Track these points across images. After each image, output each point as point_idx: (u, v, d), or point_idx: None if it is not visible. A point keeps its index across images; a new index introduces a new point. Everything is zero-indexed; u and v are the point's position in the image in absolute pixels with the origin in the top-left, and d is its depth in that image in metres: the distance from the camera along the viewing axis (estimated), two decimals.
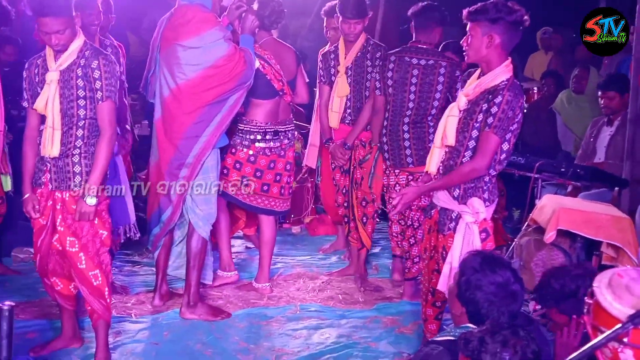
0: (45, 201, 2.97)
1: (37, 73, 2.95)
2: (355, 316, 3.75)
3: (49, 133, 2.89)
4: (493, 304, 2.10)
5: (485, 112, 2.70)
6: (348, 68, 4.02)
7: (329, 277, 4.31)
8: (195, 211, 3.52)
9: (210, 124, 3.44)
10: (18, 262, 4.34)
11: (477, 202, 2.77)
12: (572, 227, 3.74)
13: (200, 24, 3.39)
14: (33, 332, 3.37)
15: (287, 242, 4.77)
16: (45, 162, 2.94)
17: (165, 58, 3.46)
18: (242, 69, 3.43)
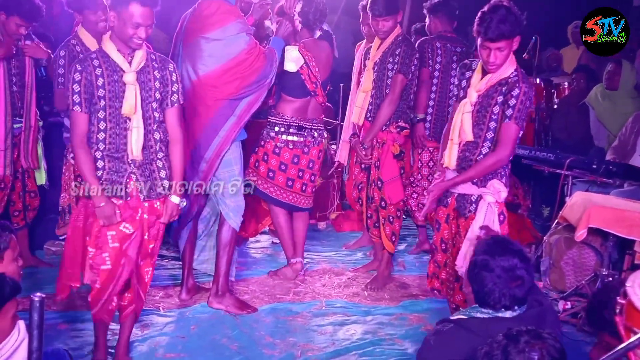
0: (136, 211, 2.85)
1: (101, 75, 2.77)
2: (381, 313, 3.74)
3: (136, 133, 2.80)
4: (496, 285, 2.16)
5: (502, 104, 2.88)
6: (375, 64, 3.98)
7: (355, 273, 4.30)
8: (226, 202, 3.58)
9: (229, 118, 3.48)
10: (50, 255, 4.42)
11: (497, 183, 2.94)
12: (604, 226, 3.67)
13: (223, 16, 3.42)
14: (64, 324, 3.43)
15: (313, 238, 4.77)
16: (128, 173, 2.82)
17: (188, 51, 3.50)
18: (261, 64, 3.47)
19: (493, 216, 2.89)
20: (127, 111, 2.79)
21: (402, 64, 3.87)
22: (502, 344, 1.81)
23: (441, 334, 2.18)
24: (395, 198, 3.94)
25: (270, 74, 3.54)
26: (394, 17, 3.90)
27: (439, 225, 3.14)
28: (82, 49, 3.77)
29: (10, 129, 3.83)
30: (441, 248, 3.14)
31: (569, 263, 4.05)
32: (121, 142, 2.82)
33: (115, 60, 2.80)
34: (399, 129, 3.94)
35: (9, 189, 3.98)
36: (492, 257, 2.19)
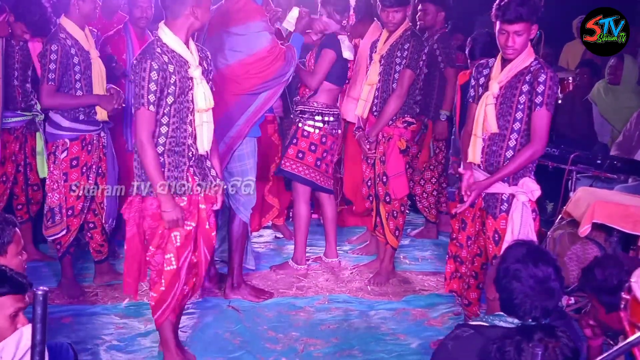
0: (195, 206, 2.85)
1: (174, 72, 2.71)
2: (384, 308, 3.74)
3: (207, 128, 2.83)
4: (527, 297, 2.05)
5: (529, 92, 2.84)
6: (382, 57, 3.96)
7: (358, 268, 4.30)
8: (236, 197, 3.64)
9: (244, 113, 3.54)
10: (54, 248, 4.42)
11: (530, 182, 2.90)
12: (608, 221, 3.65)
13: (248, 14, 3.50)
14: (68, 317, 3.44)
15: (316, 232, 4.76)
16: (187, 167, 2.81)
17: (210, 44, 3.54)
18: (281, 63, 3.54)
19: (529, 216, 2.87)
20: (206, 106, 2.79)
21: (411, 59, 3.85)
22: (515, 339, 1.79)
23: (460, 340, 2.07)
24: (400, 193, 3.93)
25: (288, 73, 3.60)
26: (404, 8, 3.87)
27: (465, 224, 3.10)
28: (72, 42, 3.54)
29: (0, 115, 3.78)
30: (467, 244, 3.11)
31: (573, 258, 4.03)
32: (181, 136, 2.79)
33: (182, 54, 2.75)
34: (405, 124, 3.93)
35: (12, 182, 3.98)
36: (526, 267, 2.08)
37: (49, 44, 3.51)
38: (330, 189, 4.20)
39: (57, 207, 3.60)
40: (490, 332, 2.04)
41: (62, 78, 3.53)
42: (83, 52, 3.57)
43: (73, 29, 3.56)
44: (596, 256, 2.96)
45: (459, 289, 3.21)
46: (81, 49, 3.56)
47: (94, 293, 3.74)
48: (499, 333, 2.00)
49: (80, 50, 3.56)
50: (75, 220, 3.65)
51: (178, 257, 2.82)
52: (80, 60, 3.55)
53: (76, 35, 3.56)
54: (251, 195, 3.66)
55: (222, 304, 3.66)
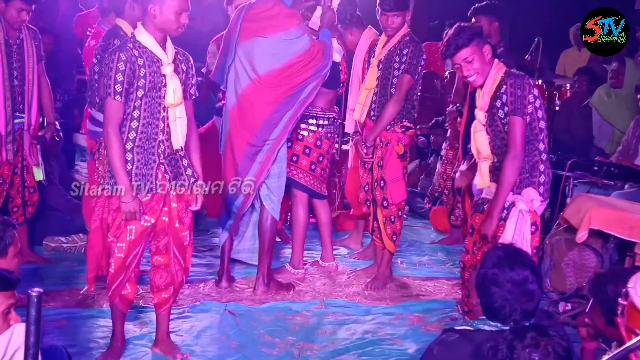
0: (157, 203, 2.88)
1: (143, 65, 2.76)
2: (381, 312, 3.73)
3: (180, 124, 2.84)
4: (506, 301, 2.08)
5: (501, 106, 2.93)
6: (380, 61, 3.96)
7: (355, 272, 4.30)
8: (271, 197, 3.77)
9: (285, 114, 3.66)
10: (49, 251, 4.41)
11: (532, 192, 2.94)
12: (605, 227, 3.66)
13: (285, 20, 3.59)
14: (63, 320, 3.42)
15: (313, 236, 4.76)
16: (157, 164, 2.84)
17: (245, 49, 3.62)
18: (319, 60, 3.65)
19: (524, 225, 2.87)
20: (174, 101, 2.82)
21: (410, 64, 3.84)
22: (508, 338, 1.79)
23: (445, 344, 2.10)
24: (397, 198, 3.93)
25: (326, 68, 3.71)
26: (403, 13, 3.88)
27: (473, 230, 3.15)
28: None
29: (10, 117, 3.81)
30: (472, 250, 3.14)
31: (570, 264, 4.04)
32: (152, 132, 2.83)
33: (154, 51, 2.80)
34: (403, 129, 3.92)
35: (8, 184, 3.97)
36: (502, 271, 2.10)
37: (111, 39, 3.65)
38: (323, 194, 4.19)
39: None
40: (475, 336, 2.07)
41: None
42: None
43: (129, 30, 3.66)
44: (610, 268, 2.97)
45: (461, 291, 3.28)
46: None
47: (90, 296, 3.73)
48: (483, 337, 2.02)
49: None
50: None
51: (128, 249, 2.88)
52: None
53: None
54: (281, 194, 3.81)
55: (219, 307, 3.64)
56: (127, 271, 2.93)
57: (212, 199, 5.21)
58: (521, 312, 2.08)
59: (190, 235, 3.02)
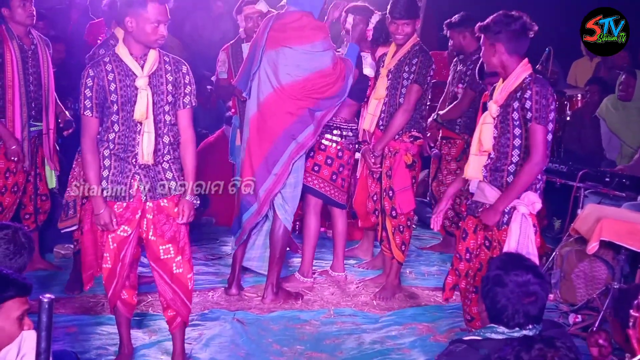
0: (133, 213, 2.88)
1: (113, 80, 2.78)
2: (390, 322, 3.72)
3: (147, 138, 2.81)
4: (509, 301, 2.12)
5: (521, 109, 2.92)
6: (389, 71, 3.95)
7: (363, 282, 4.29)
8: (285, 207, 3.79)
9: (308, 126, 3.68)
10: (59, 258, 4.44)
11: (532, 195, 2.94)
12: (616, 239, 3.63)
13: (313, 32, 3.62)
14: (73, 327, 3.44)
15: (322, 245, 4.76)
16: (132, 174, 2.84)
17: (270, 58, 3.65)
18: (341, 83, 3.67)
19: (528, 228, 2.90)
20: (138, 116, 2.80)
21: (419, 74, 3.84)
22: (515, 349, 1.79)
23: (454, 355, 2.12)
24: (406, 208, 3.91)
25: (347, 90, 3.74)
26: (413, 21, 3.87)
27: (466, 235, 3.14)
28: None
29: (26, 122, 3.85)
30: (465, 257, 3.13)
31: (580, 276, 4.01)
32: (129, 144, 2.84)
33: (128, 64, 2.81)
34: (412, 139, 3.92)
35: (22, 192, 4.00)
36: (506, 273, 2.14)
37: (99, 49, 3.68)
38: (343, 204, 4.21)
39: (72, 202, 3.78)
40: (483, 345, 2.09)
41: None
42: None
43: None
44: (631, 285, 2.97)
45: (460, 299, 3.24)
46: None
47: (99, 303, 3.74)
48: (491, 346, 2.04)
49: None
50: None
51: (113, 258, 2.91)
52: None
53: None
54: (296, 204, 3.83)
55: (227, 316, 3.65)
56: (119, 279, 2.93)
57: (221, 207, 5.26)
58: (524, 314, 2.10)
59: (180, 249, 2.92)
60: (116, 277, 2.94)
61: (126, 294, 3.03)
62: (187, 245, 2.96)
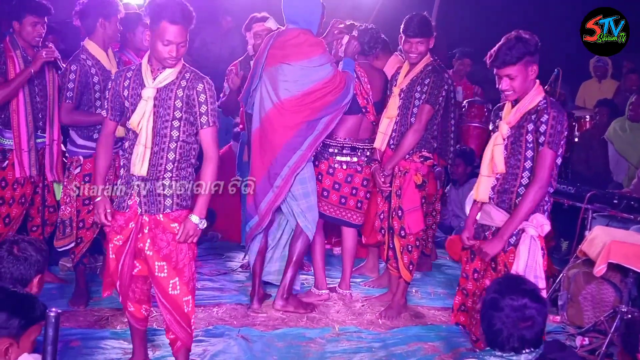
0: (127, 223, 2.87)
1: (128, 87, 2.85)
2: (395, 341, 3.69)
3: (141, 151, 2.79)
4: (504, 325, 2.10)
5: (534, 132, 2.90)
6: (402, 90, 3.92)
7: (369, 300, 4.27)
8: (305, 216, 3.85)
9: (307, 138, 3.73)
10: (65, 271, 4.44)
11: (540, 217, 2.93)
12: (624, 261, 3.61)
13: (310, 48, 3.71)
14: (77, 341, 3.43)
15: (328, 263, 4.73)
16: (132, 185, 2.85)
17: (270, 74, 3.74)
18: (340, 89, 3.74)
19: (537, 250, 2.89)
20: (131, 124, 2.84)
21: (431, 94, 3.82)
22: None
23: None
24: (415, 228, 3.88)
25: (347, 98, 3.79)
26: (427, 40, 3.83)
27: (473, 256, 3.13)
28: (93, 62, 3.75)
29: (32, 133, 3.87)
30: (473, 277, 3.13)
31: (588, 298, 3.98)
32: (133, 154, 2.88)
33: (143, 73, 2.84)
34: (422, 159, 3.89)
35: (29, 204, 4.01)
36: (502, 296, 2.12)
37: (69, 65, 3.74)
38: (355, 223, 4.20)
39: (68, 220, 3.81)
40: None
41: (82, 97, 3.76)
42: (104, 72, 3.77)
43: (95, 50, 3.79)
44: None
45: (466, 323, 3.20)
46: (102, 68, 3.78)
47: (104, 317, 3.73)
48: None
49: (101, 69, 3.77)
50: (88, 233, 3.84)
51: (113, 268, 2.95)
52: (100, 80, 3.75)
53: (98, 56, 3.78)
54: (316, 214, 3.89)
55: (232, 332, 3.63)
56: (121, 289, 2.96)
57: (227, 223, 5.25)
58: (519, 338, 2.08)
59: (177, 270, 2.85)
60: (119, 287, 2.96)
61: (132, 307, 3.01)
62: (187, 267, 2.87)
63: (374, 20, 4.89)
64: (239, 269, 4.77)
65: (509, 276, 2.33)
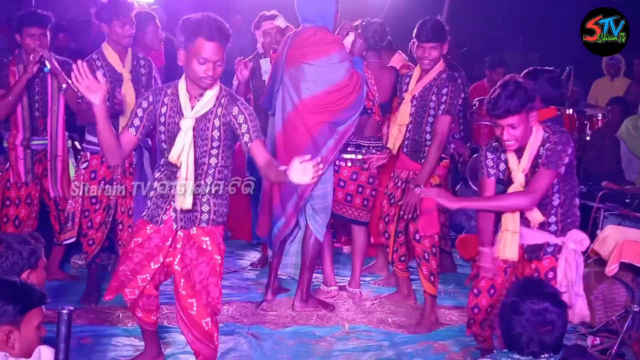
0: (163, 241, 2.83)
1: (165, 113, 2.73)
2: (405, 340, 3.69)
3: (183, 185, 2.71)
4: (524, 329, 2.06)
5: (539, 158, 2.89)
6: (414, 97, 3.77)
7: (379, 299, 4.26)
8: (316, 218, 3.86)
9: (329, 139, 3.73)
10: (77, 268, 4.48)
11: (578, 233, 2.98)
12: (636, 261, 3.60)
13: (328, 46, 3.70)
14: (88, 338, 3.45)
15: (337, 261, 4.74)
16: (169, 200, 2.81)
17: (290, 75, 3.73)
18: (357, 94, 3.74)
19: (578, 261, 2.93)
20: (172, 158, 2.74)
21: (451, 104, 3.67)
22: None
23: None
24: (429, 230, 3.74)
25: (363, 98, 3.78)
26: (440, 45, 3.68)
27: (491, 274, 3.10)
28: (103, 64, 3.75)
29: (29, 139, 3.91)
30: (489, 294, 3.10)
31: (599, 298, 3.95)
32: (172, 176, 2.80)
33: (181, 100, 2.73)
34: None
35: (37, 205, 4.04)
36: (522, 300, 2.09)
37: None
38: (363, 221, 4.18)
39: (71, 215, 3.84)
40: None
41: None
42: (114, 74, 3.76)
43: (108, 52, 3.81)
44: None
45: (478, 333, 3.21)
46: (112, 70, 3.76)
47: (115, 315, 3.76)
48: None
49: (110, 71, 3.75)
50: (98, 234, 3.85)
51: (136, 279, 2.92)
52: (109, 80, 3.65)
53: (110, 57, 3.79)
54: (328, 215, 3.89)
55: (242, 330, 3.64)
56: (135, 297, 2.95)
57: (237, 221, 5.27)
58: (539, 343, 2.04)
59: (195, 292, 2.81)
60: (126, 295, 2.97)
61: (140, 314, 3.02)
62: (204, 291, 2.81)
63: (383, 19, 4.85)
64: (249, 267, 4.78)
65: (530, 279, 2.30)
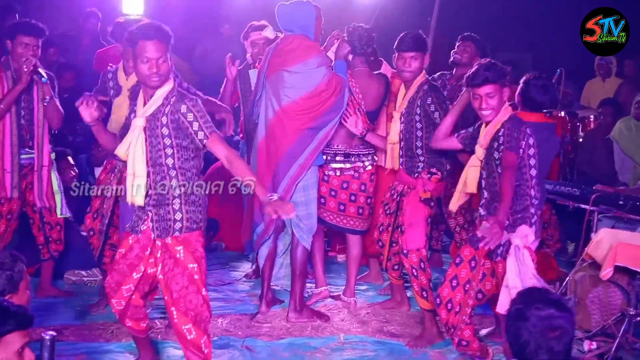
0: (143, 251, 2.89)
1: (129, 114, 3.00)
2: (401, 349, 3.67)
3: (130, 180, 2.81)
4: (532, 336, 2.01)
5: (497, 149, 3.12)
6: (402, 114, 3.73)
7: (373, 308, 4.23)
8: (300, 225, 3.84)
9: (307, 147, 3.74)
10: (70, 284, 4.45)
11: (525, 228, 3.06)
12: (631, 264, 3.58)
13: (305, 51, 3.73)
14: (82, 355, 3.42)
15: (331, 270, 4.72)
16: (145, 210, 2.86)
17: (271, 83, 3.78)
18: (336, 98, 3.75)
19: (524, 259, 2.97)
20: (120, 153, 2.86)
21: (444, 110, 3.64)
22: None
23: None
24: (412, 244, 3.65)
25: (344, 104, 3.79)
26: (422, 55, 3.67)
27: (461, 261, 3.20)
28: (114, 84, 3.81)
29: (16, 153, 3.87)
30: (451, 284, 3.21)
31: (595, 302, 3.94)
32: None
33: (137, 102, 2.88)
34: (429, 175, 3.72)
35: (16, 220, 4.00)
36: (527, 306, 2.05)
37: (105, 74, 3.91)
38: (358, 230, 4.17)
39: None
40: None
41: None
42: (117, 85, 3.81)
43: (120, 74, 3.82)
44: None
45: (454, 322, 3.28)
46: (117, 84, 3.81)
47: (109, 331, 3.73)
48: None
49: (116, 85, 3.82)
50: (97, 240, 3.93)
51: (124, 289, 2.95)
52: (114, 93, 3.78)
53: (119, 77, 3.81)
54: (314, 222, 3.87)
55: (237, 343, 3.62)
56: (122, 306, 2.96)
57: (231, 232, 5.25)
58: (548, 350, 1.99)
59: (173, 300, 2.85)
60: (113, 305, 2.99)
61: (130, 323, 3.04)
62: (183, 300, 2.84)
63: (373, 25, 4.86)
64: (243, 279, 4.76)
65: (532, 288, 2.27)
